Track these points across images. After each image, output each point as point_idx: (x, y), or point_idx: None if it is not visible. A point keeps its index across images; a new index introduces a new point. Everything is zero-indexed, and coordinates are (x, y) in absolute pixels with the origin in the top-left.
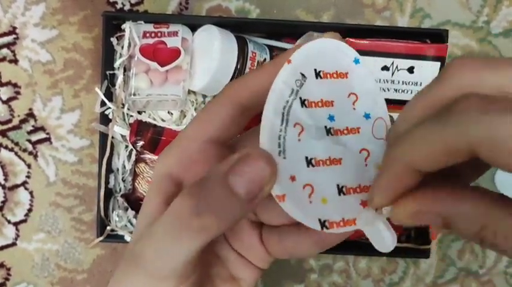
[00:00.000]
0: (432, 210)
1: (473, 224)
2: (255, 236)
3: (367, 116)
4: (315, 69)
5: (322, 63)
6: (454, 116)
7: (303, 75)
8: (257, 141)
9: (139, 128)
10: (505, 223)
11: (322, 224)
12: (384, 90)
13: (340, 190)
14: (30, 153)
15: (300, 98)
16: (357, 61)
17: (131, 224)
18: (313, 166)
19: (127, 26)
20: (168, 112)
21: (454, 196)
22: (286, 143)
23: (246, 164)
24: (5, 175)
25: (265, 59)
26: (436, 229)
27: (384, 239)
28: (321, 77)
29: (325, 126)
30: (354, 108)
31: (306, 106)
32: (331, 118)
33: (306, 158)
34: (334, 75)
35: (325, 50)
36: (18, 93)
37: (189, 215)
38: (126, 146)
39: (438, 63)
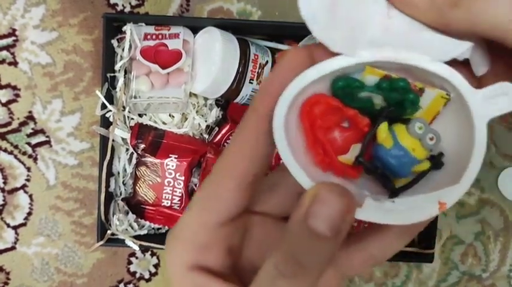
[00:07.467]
0: None
1: None
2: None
3: None
4: None
5: None
6: None
7: None
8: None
9: (140, 131)
10: None
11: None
12: None
13: None
14: (30, 156)
15: None
16: None
17: (132, 227)
18: None
19: (128, 28)
20: (170, 115)
21: None
22: None
23: (319, 204)
24: (5, 178)
25: (267, 61)
26: None
27: None
28: None
29: None
30: None
31: None
32: None
33: None
34: None
35: None
36: (17, 95)
37: (277, 277)
38: (127, 149)
39: None
